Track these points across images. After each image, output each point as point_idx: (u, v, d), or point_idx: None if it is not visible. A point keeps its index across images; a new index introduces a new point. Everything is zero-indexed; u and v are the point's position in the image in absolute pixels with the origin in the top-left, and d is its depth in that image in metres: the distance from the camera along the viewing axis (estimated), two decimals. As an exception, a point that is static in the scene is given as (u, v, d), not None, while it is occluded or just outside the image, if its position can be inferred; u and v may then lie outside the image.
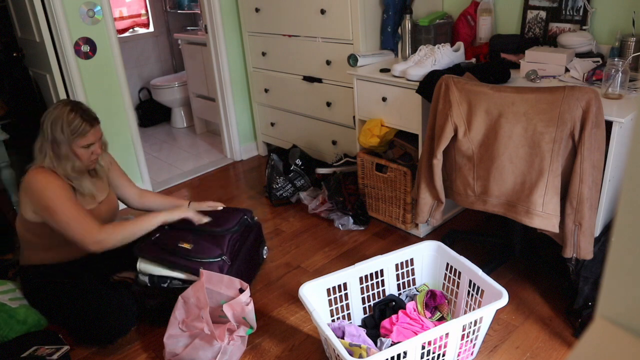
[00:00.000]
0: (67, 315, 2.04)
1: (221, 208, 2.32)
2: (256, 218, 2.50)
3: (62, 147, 1.93)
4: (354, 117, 2.74)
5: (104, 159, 2.17)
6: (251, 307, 1.89)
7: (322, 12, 2.85)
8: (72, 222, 1.92)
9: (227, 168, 3.77)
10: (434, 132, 1.99)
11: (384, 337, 1.83)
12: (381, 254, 2.01)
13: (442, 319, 1.93)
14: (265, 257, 2.53)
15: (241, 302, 1.87)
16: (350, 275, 1.94)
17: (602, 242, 1.87)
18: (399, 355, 1.54)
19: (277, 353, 1.94)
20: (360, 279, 1.97)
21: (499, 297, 1.68)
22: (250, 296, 1.92)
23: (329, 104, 3.08)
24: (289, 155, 3.15)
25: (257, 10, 3.30)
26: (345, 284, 1.94)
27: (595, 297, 1.86)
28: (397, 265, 2.04)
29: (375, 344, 1.83)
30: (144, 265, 2.09)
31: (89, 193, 2.06)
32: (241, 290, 1.94)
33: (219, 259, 2.10)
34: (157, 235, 2.14)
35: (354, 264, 1.96)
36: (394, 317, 1.91)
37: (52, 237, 2.04)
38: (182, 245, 2.09)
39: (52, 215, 1.92)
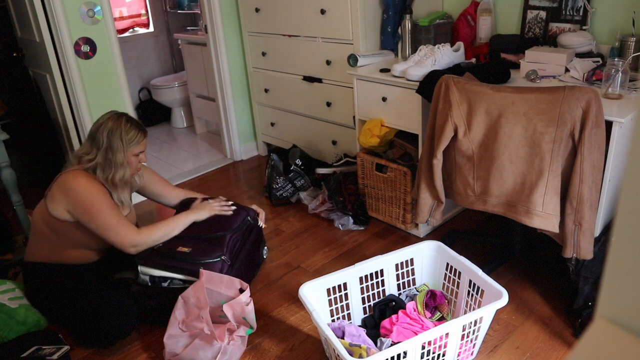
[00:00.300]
0: (68, 316, 2.04)
1: (231, 213, 2.31)
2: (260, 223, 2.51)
3: (118, 154, 2.03)
4: (354, 117, 2.74)
5: (144, 173, 2.33)
6: (251, 307, 1.89)
7: (322, 12, 2.85)
8: (112, 226, 2.01)
9: (227, 168, 3.77)
10: (434, 132, 1.99)
11: (384, 337, 1.83)
12: (381, 254, 2.01)
13: (442, 319, 1.93)
14: (265, 256, 2.53)
15: (241, 302, 1.87)
16: (350, 275, 1.94)
17: (602, 242, 1.87)
18: (399, 355, 1.54)
19: (277, 353, 1.94)
20: (360, 279, 1.97)
21: (499, 297, 1.68)
22: (250, 296, 1.91)
23: (329, 104, 3.08)
24: (289, 155, 3.15)
25: (257, 10, 3.30)
26: (345, 284, 1.94)
27: (595, 297, 1.86)
28: (397, 265, 2.04)
29: (375, 344, 1.83)
30: (144, 267, 2.09)
31: (126, 204, 2.16)
32: (241, 290, 1.94)
33: (219, 259, 2.10)
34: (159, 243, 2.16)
35: (354, 264, 1.96)
36: (394, 317, 1.91)
37: (70, 239, 2.08)
38: (181, 250, 2.11)
39: (92, 217, 1.99)
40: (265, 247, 2.54)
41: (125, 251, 2.05)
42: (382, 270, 2.02)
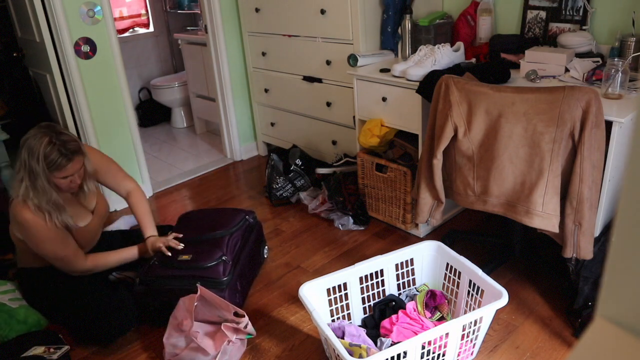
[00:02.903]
0: (67, 315, 2.04)
1: (180, 247, 2.15)
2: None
3: (38, 179, 1.87)
4: (354, 117, 2.74)
5: (89, 181, 2.12)
6: (249, 327, 1.87)
7: (322, 12, 2.85)
8: (59, 259, 2.02)
9: (227, 168, 3.77)
10: (434, 132, 1.99)
11: (384, 337, 1.83)
12: (381, 254, 2.01)
13: (442, 319, 1.93)
14: (266, 256, 2.53)
15: (240, 327, 1.85)
16: (350, 275, 1.94)
17: (602, 242, 1.87)
18: (399, 355, 1.54)
19: (277, 353, 1.94)
20: (360, 279, 1.97)
21: (499, 297, 1.68)
22: (247, 322, 1.86)
23: (329, 104, 3.08)
24: (289, 155, 3.15)
25: (257, 10, 3.30)
26: (345, 284, 1.94)
27: (595, 297, 1.86)
28: (397, 265, 2.04)
29: (375, 344, 1.83)
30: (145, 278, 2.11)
31: (66, 222, 1.99)
32: (236, 315, 1.89)
33: (220, 260, 2.10)
34: (155, 259, 2.15)
35: (354, 264, 1.96)
36: (394, 317, 1.91)
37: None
38: (182, 258, 2.10)
39: (40, 250, 1.99)
40: (266, 247, 2.54)
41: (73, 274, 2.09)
42: (382, 270, 2.02)
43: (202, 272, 2.05)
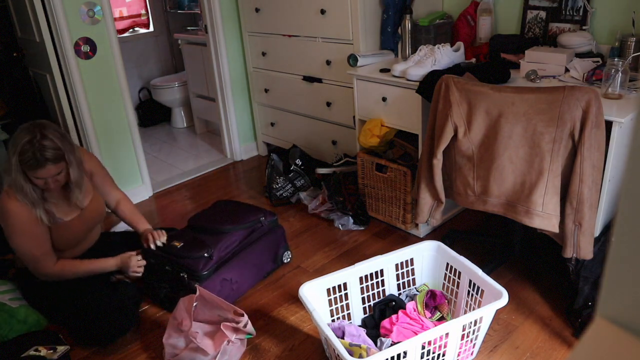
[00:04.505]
0: (67, 315, 2.04)
1: (164, 239, 2.21)
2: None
3: (12, 172, 1.87)
4: (354, 117, 2.74)
5: (76, 189, 2.07)
6: (249, 326, 1.87)
7: (322, 12, 2.85)
8: (26, 258, 2.00)
9: (227, 168, 3.77)
10: (434, 132, 1.99)
11: (384, 337, 1.83)
12: (381, 254, 2.01)
13: (442, 319, 1.93)
14: (286, 261, 2.49)
15: (239, 327, 1.85)
16: (350, 275, 1.94)
17: (602, 242, 1.87)
18: (399, 355, 1.54)
19: (277, 353, 1.94)
20: (360, 279, 1.97)
21: (499, 297, 1.68)
22: (247, 322, 1.86)
23: (329, 104, 3.08)
24: (289, 155, 3.15)
25: (257, 10, 3.30)
26: (345, 284, 1.94)
27: (595, 297, 1.86)
28: (397, 265, 2.04)
29: (375, 344, 1.83)
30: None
31: (44, 218, 1.97)
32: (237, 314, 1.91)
33: (202, 256, 2.14)
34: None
35: (354, 264, 1.96)
36: (394, 317, 1.91)
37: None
38: (173, 243, 2.20)
39: (12, 244, 1.98)
40: (288, 252, 2.50)
41: (37, 276, 2.06)
42: (382, 270, 2.02)
43: (185, 261, 2.13)
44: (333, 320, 1.95)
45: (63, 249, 2.12)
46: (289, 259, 2.50)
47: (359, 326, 1.96)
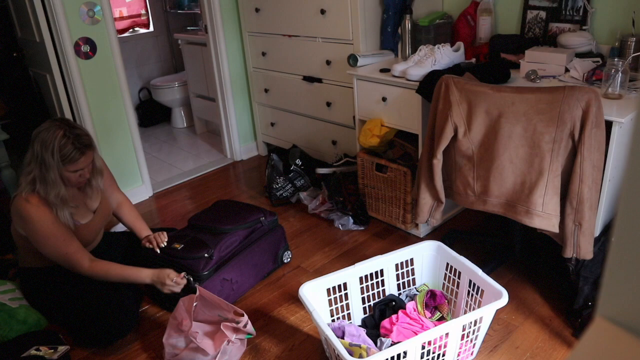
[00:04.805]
0: (67, 316, 2.04)
1: (178, 289, 2.06)
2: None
3: (50, 172, 1.89)
4: (354, 117, 2.74)
5: (97, 177, 2.13)
6: (249, 326, 1.87)
7: (322, 12, 2.85)
8: (60, 258, 1.99)
9: (227, 168, 3.77)
10: (434, 132, 1.99)
11: (384, 337, 1.83)
12: (381, 254, 2.01)
13: (442, 319, 1.93)
14: (286, 261, 2.49)
15: (239, 327, 1.85)
16: (350, 275, 1.94)
17: (602, 242, 1.87)
18: (399, 355, 1.54)
19: (277, 353, 1.94)
20: (360, 279, 1.98)
21: (499, 297, 1.68)
22: (247, 321, 1.86)
23: (329, 104, 3.08)
24: (289, 155, 3.15)
25: (257, 10, 3.30)
26: (345, 284, 1.94)
27: (595, 297, 1.86)
28: (397, 265, 2.04)
29: (375, 344, 1.83)
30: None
31: (68, 221, 1.99)
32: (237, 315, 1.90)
33: (202, 256, 2.14)
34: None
35: (354, 264, 1.96)
36: (394, 317, 1.91)
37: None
38: (174, 246, 2.20)
39: (43, 247, 1.97)
40: (288, 252, 2.50)
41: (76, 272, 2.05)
42: (382, 270, 2.02)
43: (186, 262, 2.14)
44: (333, 320, 1.95)
45: None
46: (289, 259, 2.50)
47: (359, 326, 1.96)
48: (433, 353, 1.69)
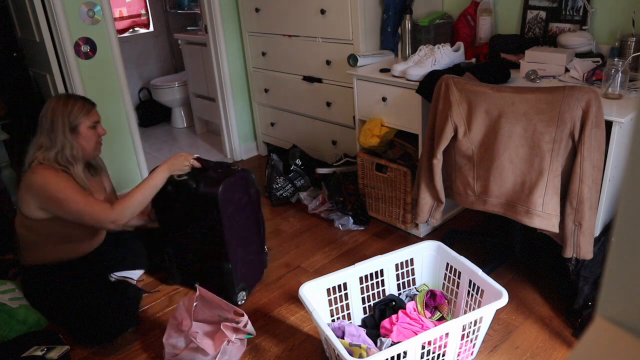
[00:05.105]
0: (68, 314, 2.04)
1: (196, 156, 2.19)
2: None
3: (58, 134, 1.96)
4: (354, 117, 2.74)
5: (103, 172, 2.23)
6: (249, 326, 1.87)
7: (322, 12, 2.85)
8: (84, 208, 1.94)
9: (227, 168, 3.76)
10: (434, 132, 1.99)
11: (384, 337, 1.83)
12: (381, 254, 2.01)
13: (442, 319, 1.93)
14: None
15: (239, 327, 1.85)
16: (350, 275, 1.94)
17: (602, 242, 1.87)
18: (399, 355, 1.54)
19: (277, 353, 1.94)
20: (360, 279, 1.98)
21: (499, 297, 1.68)
22: (247, 321, 1.85)
23: (329, 104, 3.08)
24: (289, 155, 3.15)
25: (257, 10, 3.30)
26: (345, 284, 1.94)
27: (595, 297, 1.86)
28: (397, 265, 2.04)
29: (375, 344, 1.83)
30: None
31: (83, 183, 2.03)
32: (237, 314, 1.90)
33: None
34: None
35: (354, 264, 1.96)
36: (394, 317, 1.91)
37: (53, 235, 2.05)
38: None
39: (63, 206, 1.94)
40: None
41: (106, 229, 2.05)
42: (382, 270, 2.02)
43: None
44: (333, 320, 1.95)
45: (79, 239, 2.13)
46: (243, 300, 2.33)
47: (359, 326, 1.96)
48: (433, 353, 1.69)
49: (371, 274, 2.00)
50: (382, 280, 2.03)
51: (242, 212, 2.16)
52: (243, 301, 2.22)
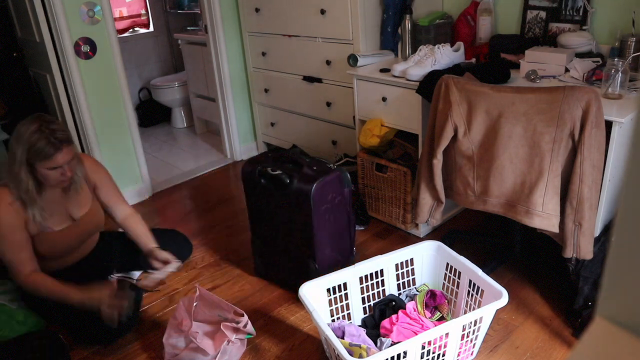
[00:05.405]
0: (67, 315, 2.04)
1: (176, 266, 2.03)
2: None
3: (16, 166, 1.82)
4: (354, 117, 2.74)
5: (86, 168, 2.07)
6: (249, 326, 1.86)
7: (322, 12, 2.85)
8: (7, 261, 1.91)
9: (227, 168, 3.77)
10: (434, 132, 1.99)
11: (384, 337, 1.83)
12: (381, 254, 2.01)
13: (442, 319, 1.93)
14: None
15: (239, 327, 1.85)
16: (350, 275, 1.94)
17: (602, 242, 1.87)
18: (399, 355, 1.54)
19: (277, 353, 1.94)
20: (360, 279, 1.98)
21: (499, 297, 1.68)
22: (247, 321, 1.85)
23: (329, 104, 3.08)
24: (289, 155, 3.14)
25: (257, 10, 3.30)
26: (345, 284, 1.94)
27: (595, 297, 1.86)
28: (397, 265, 2.04)
29: (375, 344, 1.83)
30: None
31: (37, 220, 1.90)
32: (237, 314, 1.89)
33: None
34: None
35: (354, 264, 1.96)
36: (394, 317, 1.91)
37: (38, 253, 1.99)
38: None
39: None
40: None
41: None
42: (382, 270, 2.02)
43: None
44: (333, 320, 1.95)
45: (52, 257, 2.05)
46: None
47: (359, 326, 1.96)
48: (433, 353, 1.69)
49: (371, 274, 2.00)
50: (382, 280, 2.03)
51: (334, 212, 2.14)
52: None
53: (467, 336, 1.74)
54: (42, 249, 1.98)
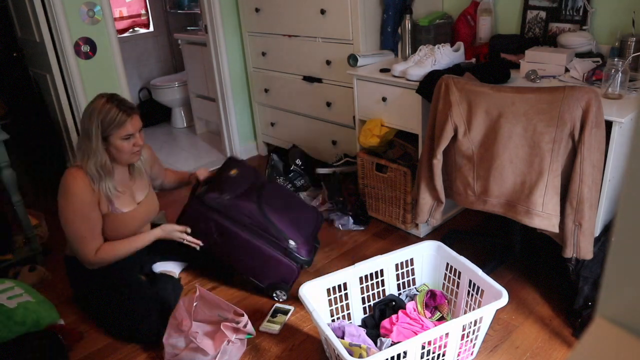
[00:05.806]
0: (110, 315, 2.06)
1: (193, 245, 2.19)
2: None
3: (91, 140, 1.91)
4: (354, 117, 2.74)
5: (144, 154, 2.19)
6: (249, 326, 1.86)
7: (322, 12, 2.85)
8: (75, 239, 1.98)
9: (227, 168, 3.76)
10: (434, 132, 1.99)
11: (384, 337, 1.83)
12: (381, 254, 2.01)
13: (442, 319, 1.93)
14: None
15: (239, 327, 1.85)
16: (350, 275, 1.94)
17: (602, 242, 1.87)
18: (399, 355, 1.54)
19: (277, 353, 1.94)
20: (360, 279, 1.98)
21: (499, 297, 1.68)
22: (247, 321, 1.86)
23: (329, 104, 3.08)
24: (289, 155, 3.15)
25: (257, 10, 3.30)
26: (345, 284, 1.94)
27: (595, 297, 1.86)
28: (397, 265, 2.04)
29: (375, 344, 1.83)
30: None
31: (111, 195, 2.00)
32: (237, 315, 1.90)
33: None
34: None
35: (354, 264, 1.96)
36: (394, 317, 1.91)
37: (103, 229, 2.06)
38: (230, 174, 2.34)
39: (63, 221, 1.97)
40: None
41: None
42: (382, 270, 2.02)
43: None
44: (333, 320, 1.95)
45: (126, 234, 2.11)
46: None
47: (359, 326, 1.96)
48: (433, 353, 1.69)
49: (371, 274, 2.00)
50: (382, 280, 2.03)
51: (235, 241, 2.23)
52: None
53: (467, 336, 1.74)
54: (108, 229, 2.04)
